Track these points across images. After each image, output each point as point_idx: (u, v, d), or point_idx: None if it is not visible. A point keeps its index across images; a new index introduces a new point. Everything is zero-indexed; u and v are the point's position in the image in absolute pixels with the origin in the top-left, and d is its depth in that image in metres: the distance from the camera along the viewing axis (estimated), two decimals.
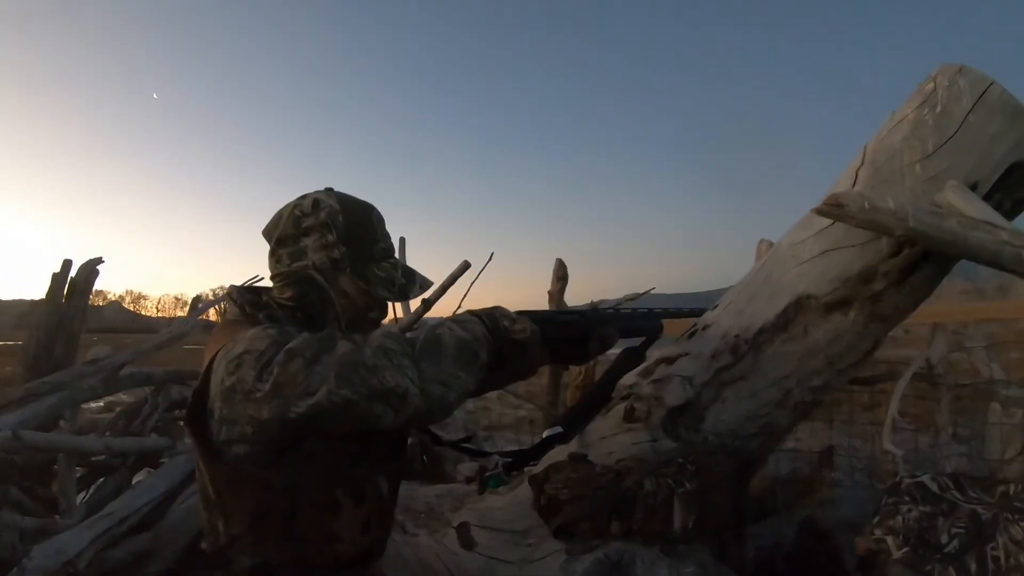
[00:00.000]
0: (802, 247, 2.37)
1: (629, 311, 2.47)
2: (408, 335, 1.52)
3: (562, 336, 1.90)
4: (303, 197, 1.73)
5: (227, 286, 1.84)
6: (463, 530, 2.43)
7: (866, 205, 2.00)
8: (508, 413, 7.61)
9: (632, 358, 2.35)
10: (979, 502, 2.11)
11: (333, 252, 1.66)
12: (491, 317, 1.64)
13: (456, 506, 2.67)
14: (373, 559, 1.70)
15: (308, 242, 1.66)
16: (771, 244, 2.76)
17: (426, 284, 1.81)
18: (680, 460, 2.31)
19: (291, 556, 1.50)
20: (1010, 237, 1.95)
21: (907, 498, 2.18)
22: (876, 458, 4.07)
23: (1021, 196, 2.25)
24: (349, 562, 1.60)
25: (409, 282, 1.76)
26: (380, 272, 1.72)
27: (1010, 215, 2.24)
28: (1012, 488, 2.11)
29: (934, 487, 2.19)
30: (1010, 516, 2.01)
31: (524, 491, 2.46)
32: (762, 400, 2.41)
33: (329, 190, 1.75)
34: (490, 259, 4.41)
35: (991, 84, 2.15)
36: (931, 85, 2.24)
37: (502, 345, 1.62)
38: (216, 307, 7.31)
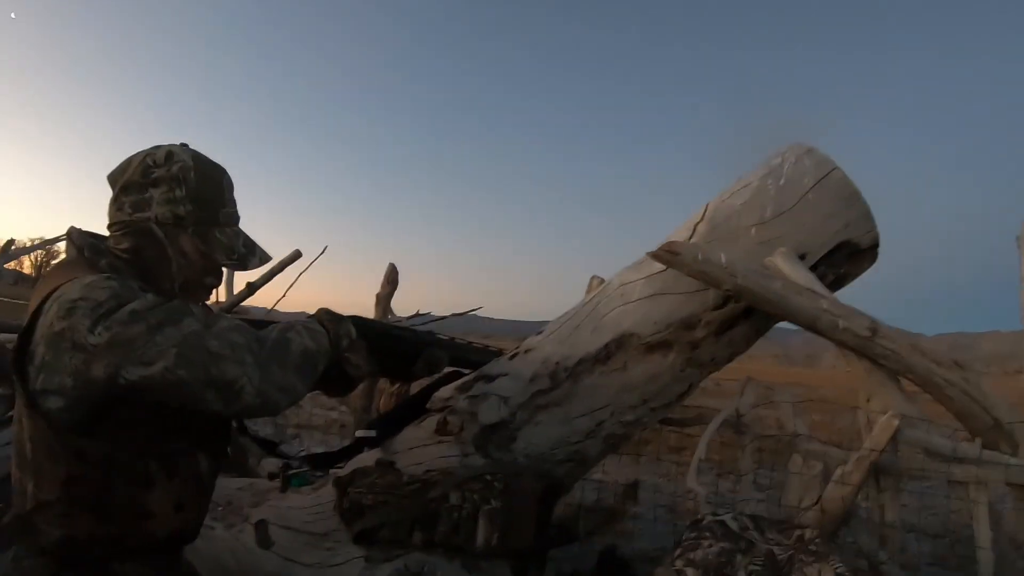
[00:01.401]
0: (632, 287, 2.43)
1: (466, 342, 2.48)
2: (246, 327, 1.46)
3: (392, 351, 1.89)
4: (157, 147, 1.62)
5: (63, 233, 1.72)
6: (261, 528, 2.34)
7: (699, 256, 2.09)
8: (319, 414, 7.53)
9: (453, 377, 2.37)
10: (776, 543, 2.21)
11: (179, 208, 1.56)
12: (336, 334, 1.62)
13: (256, 502, 2.57)
14: (185, 542, 1.61)
15: (154, 193, 1.55)
16: (602, 281, 2.83)
17: (265, 258, 1.74)
18: (488, 477, 2.31)
19: (101, 531, 1.40)
20: (829, 306, 2.10)
21: (708, 534, 2.25)
22: (678, 496, 4.26)
23: (843, 272, 2.42)
24: (161, 543, 1.50)
25: (249, 253, 1.68)
26: (222, 237, 1.64)
27: (832, 287, 2.40)
28: (808, 533, 2.23)
29: (735, 526, 2.27)
30: (804, 558, 2.12)
31: (327, 493, 2.40)
32: (575, 428, 2.43)
33: (184, 145, 1.64)
34: (322, 252, 4.35)
35: (834, 168, 2.32)
36: (779, 160, 2.38)
37: (334, 365, 1.62)
38: (33, 256, 6.76)
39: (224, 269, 1.75)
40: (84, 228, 1.62)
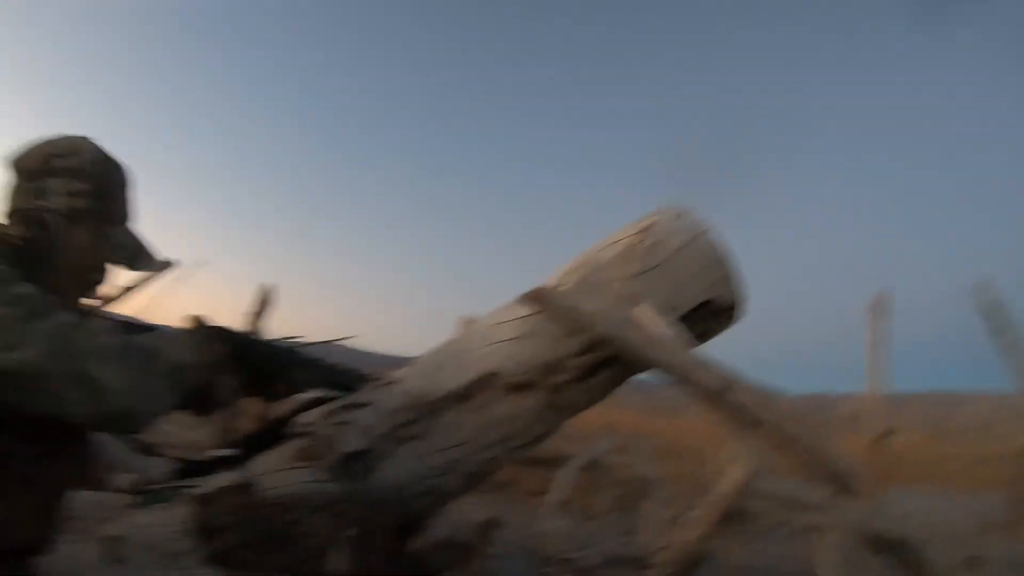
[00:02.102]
0: (501, 328, 2.47)
1: (334, 364, 2.45)
2: (119, 331, 1.43)
3: (258, 367, 1.86)
4: (61, 137, 1.59)
5: None
6: (114, 543, 2.26)
7: (567, 303, 2.14)
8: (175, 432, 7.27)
9: (320, 403, 2.34)
10: None
11: (76, 201, 1.53)
12: (207, 347, 1.61)
13: (107, 517, 2.49)
14: (34, 554, 1.53)
15: (53, 184, 1.52)
16: (470, 320, 2.87)
17: (155, 264, 1.71)
18: (344, 506, 2.29)
19: None
20: (685, 358, 2.22)
21: (563, 570, 2.29)
22: (536, 535, 4.31)
23: (706, 329, 2.53)
24: (5, 554, 1.43)
25: (139, 254, 1.66)
26: (115, 235, 1.62)
27: (695, 341, 2.50)
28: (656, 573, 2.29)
29: (588, 562, 2.32)
30: None
31: (181, 511, 2.35)
32: (434, 462, 2.44)
33: (86, 138, 1.62)
34: (203, 264, 4.24)
35: (705, 231, 2.43)
36: (653, 219, 2.50)
37: (202, 381, 1.59)
38: None
39: (112, 268, 1.71)
40: None
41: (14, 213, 1.54)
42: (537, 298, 2.19)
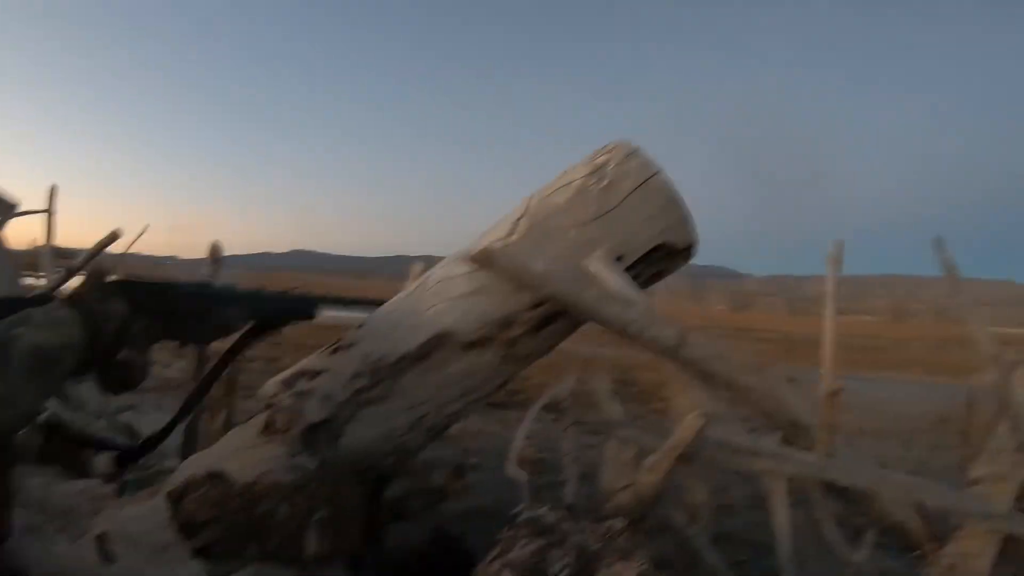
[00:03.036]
0: (452, 283, 2.41)
1: (278, 292, 2.35)
2: None
3: (174, 312, 1.75)
4: None
5: None
6: (102, 541, 2.21)
7: (515, 263, 2.08)
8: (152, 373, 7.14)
9: (258, 335, 2.25)
10: (589, 535, 2.28)
11: None
12: (99, 314, 1.44)
13: (96, 509, 2.44)
14: None
15: None
16: (425, 268, 2.81)
17: (6, 209, 1.56)
18: (314, 486, 2.29)
19: None
20: (637, 316, 2.15)
21: (524, 531, 2.29)
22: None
23: (658, 270, 2.49)
24: None
25: None
26: None
27: (648, 282, 2.50)
28: (616, 524, 2.30)
29: (551, 518, 2.32)
30: (610, 556, 2.20)
31: (163, 501, 2.31)
32: (397, 423, 2.43)
33: None
34: (143, 231, 4.09)
35: (657, 172, 2.35)
36: (604, 158, 2.39)
37: (106, 343, 1.46)
38: None
39: None
40: None
41: None
42: (485, 258, 2.12)
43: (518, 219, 2.41)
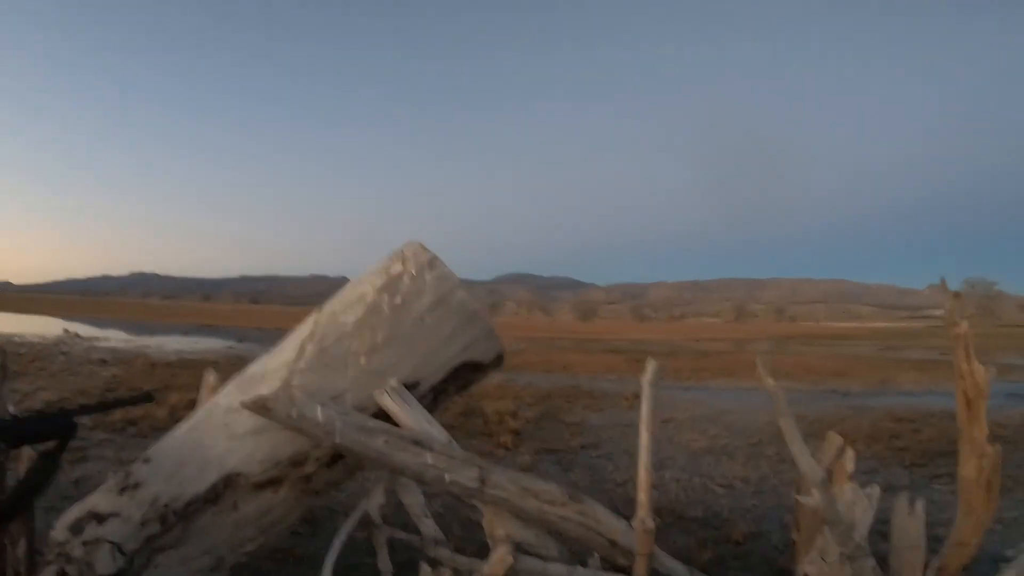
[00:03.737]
0: (237, 418, 2.19)
1: (33, 414, 2.09)
2: None
3: None
4: None
5: None
6: None
7: (294, 414, 1.91)
8: None
9: (49, 466, 2.00)
10: None
11: None
12: None
13: None
14: None
15: None
16: (218, 382, 2.57)
17: None
18: None
19: None
20: (434, 460, 1.99)
21: None
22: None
23: (465, 383, 2.33)
24: None
25: None
26: None
27: (457, 393, 2.37)
28: None
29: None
30: None
31: None
32: (195, 567, 2.22)
33: None
34: None
35: (455, 286, 2.18)
36: (398, 268, 2.21)
37: None
38: None
39: None
40: None
41: None
42: (261, 408, 1.92)
43: (304, 341, 2.20)
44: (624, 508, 5.26)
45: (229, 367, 17.01)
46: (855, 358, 32.91)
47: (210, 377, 2.87)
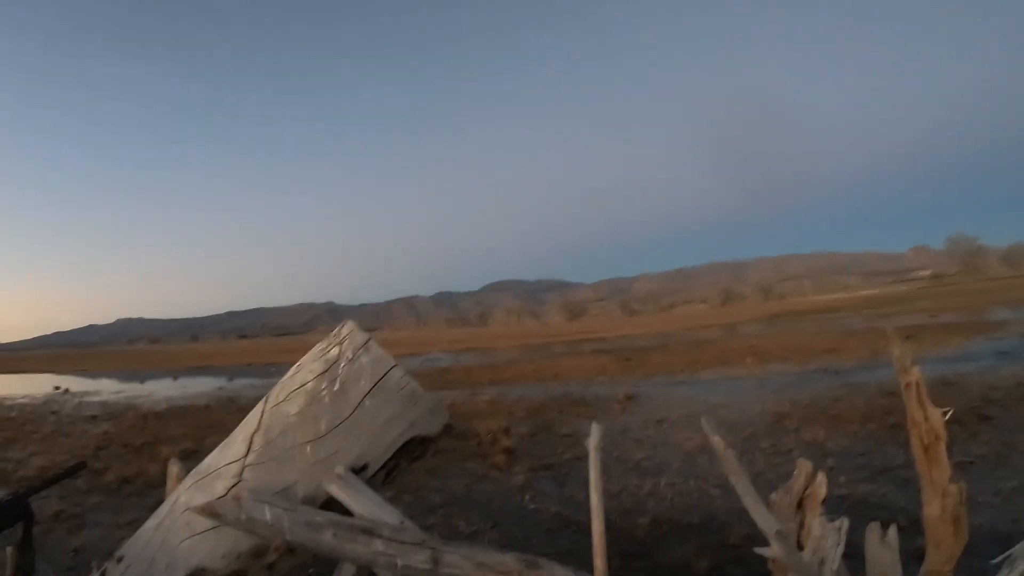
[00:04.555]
0: (197, 516, 2.21)
1: None
2: None
3: None
4: None
5: None
6: None
7: (243, 516, 1.96)
8: None
9: (26, 555, 2.02)
10: None
11: None
12: None
13: None
14: None
15: None
16: (182, 472, 2.58)
17: None
18: None
19: None
20: (384, 547, 2.03)
21: None
22: None
23: (417, 455, 2.36)
24: None
25: None
26: None
27: (410, 465, 2.39)
28: None
29: None
30: None
31: None
32: None
33: None
34: None
35: (392, 367, 2.22)
36: (335, 351, 2.24)
37: None
38: None
39: None
40: None
41: None
42: (211, 513, 1.95)
43: (252, 434, 2.24)
44: (618, 520, 5.29)
45: (220, 409, 16.87)
46: (845, 332, 33.01)
47: (174, 468, 2.89)
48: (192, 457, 9.89)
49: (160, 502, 2.46)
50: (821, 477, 2.70)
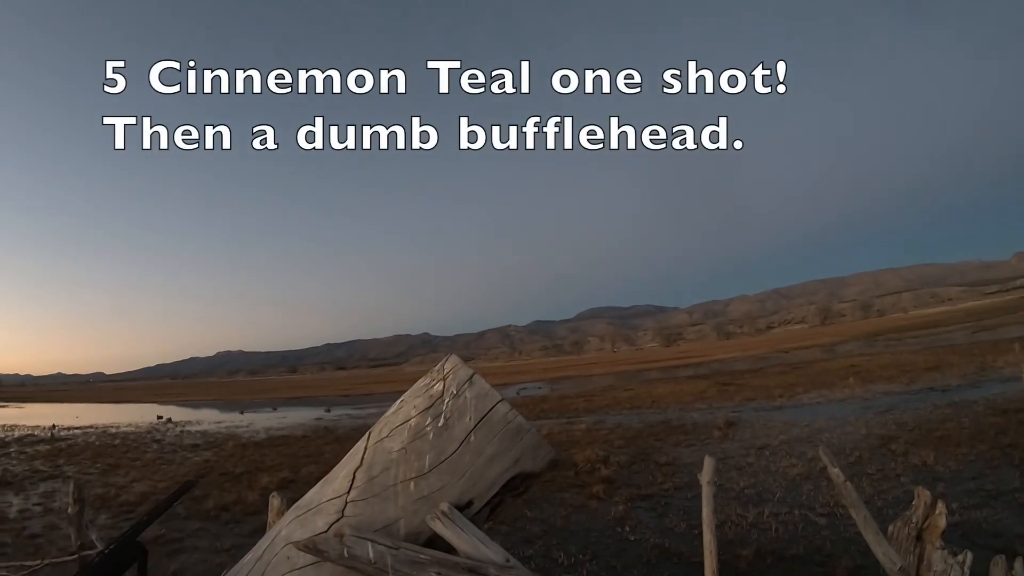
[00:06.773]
0: (297, 550, 2.18)
1: (108, 547, 2.12)
2: None
3: None
4: None
5: None
6: None
7: (345, 553, 1.92)
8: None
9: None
10: None
11: None
12: None
13: None
14: None
15: None
16: (283, 505, 2.59)
17: None
18: None
19: None
20: None
21: None
22: None
23: (521, 492, 2.28)
24: None
25: None
26: None
27: (514, 500, 2.30)
28: None
29: None
30: None
31: None
32: None
33: None
34: None
35: (498, 402, 2.16)
36: (439, 387, 2.19)
37: None
38: None
39: None
40: None
41: None
42: (314, 550, 1.92)
43: (355, 471, 2.21)
44: (721, 551, 5.15)
45: (318, 439, 17.29)
46: (949, 347, 31.74)
47: (275, 501, 2.90)
48: (289, 486, 10.19)
49: (258, 529, 2.47)
50: (941, 507, 2.54)
